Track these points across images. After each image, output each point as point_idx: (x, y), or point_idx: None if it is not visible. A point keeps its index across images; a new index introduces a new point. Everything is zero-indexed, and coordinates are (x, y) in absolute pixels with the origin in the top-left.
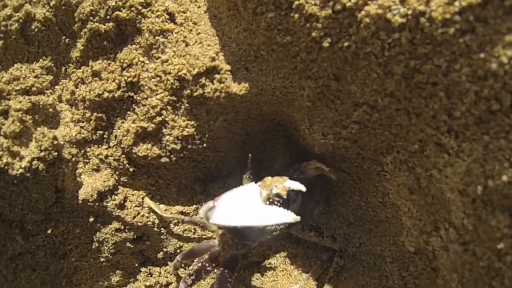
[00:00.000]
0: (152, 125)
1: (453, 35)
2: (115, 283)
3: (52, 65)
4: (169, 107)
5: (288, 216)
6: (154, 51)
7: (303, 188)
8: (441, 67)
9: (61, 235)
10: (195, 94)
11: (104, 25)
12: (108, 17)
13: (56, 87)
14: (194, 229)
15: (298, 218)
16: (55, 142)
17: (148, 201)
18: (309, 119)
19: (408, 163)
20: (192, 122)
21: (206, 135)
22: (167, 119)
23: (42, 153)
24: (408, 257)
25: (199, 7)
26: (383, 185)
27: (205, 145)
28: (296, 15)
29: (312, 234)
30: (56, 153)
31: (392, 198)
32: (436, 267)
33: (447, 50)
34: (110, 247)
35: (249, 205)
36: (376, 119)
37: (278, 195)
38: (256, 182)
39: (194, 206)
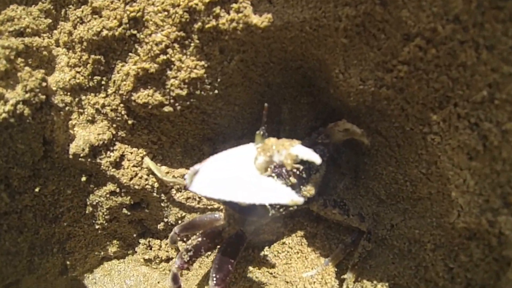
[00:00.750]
0: (155, 65)
1: None
2: (112, 254)
3: (52, 7)
4: (176, 45)
5: (284, 196)
6: None
7: (317, 159)
8: None
9: (51, 195)
10: (207, 26)
11: None
12: None
13: (55, 31)
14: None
15: (299, 200)
16: (44, 84)
17: (148, 161)
18: (345, 60)
19: (469, 118)
20: (203, 63)
21: (219, 79)
22: (173, 58)
23: (27, 95)
24: (459, 243)
25: None
26: (430, 152)
27: (216, 91)
28: None
29: (336, 212)
30: (44, 96)
31: (441, 168)
32: (503, 257)
33: None
34: (105, 213)
35: (240, 173)
36: (431, 58)
37: (281, 165)
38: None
39: None
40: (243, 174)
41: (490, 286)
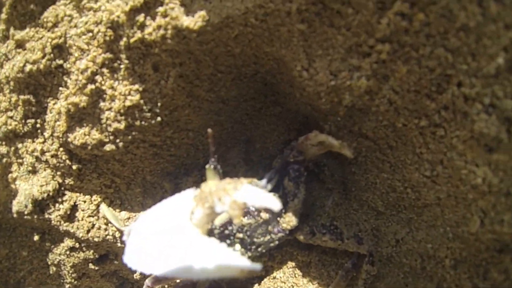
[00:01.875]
0: (85, 97)
1: None
2: None
3: None
4: (104, 70)
5: (232, 267)
6: (86, 0)
7: (274, 205)
8: None
9: (6, 259)
10: (132, 40)
11: None
12: None
13: None
14: None
15: (254, 268)
16: None
17: (103, 209)
18: (306, 53)
19: (482, 99)
20: (136, 86)
21: (159, 103)
22: (103, 87)
23: None
24: (487, 257)
25: None
26: (432, 149)
27: (159, 118)
28: None
29: (327, 238)
30: None
31: (450, 168)
32: None
33: None
34: (71, 271)
35: (175, 236)
36: (419, 26)
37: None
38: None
39: None
40: (179, 237)
41: None
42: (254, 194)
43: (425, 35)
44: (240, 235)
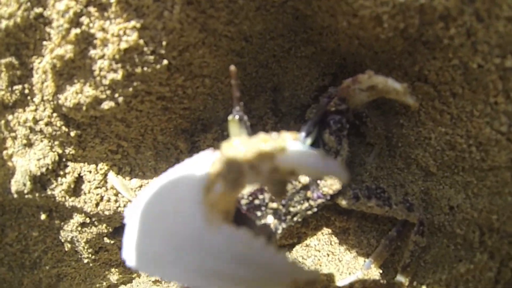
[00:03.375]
0: (70, 46)
1: None
2: (116, 281)
3: None
4: (91, 9)
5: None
6: None
7: (343, 176)
8: None
9: (17, 242)
10: None
11: None
12: None
13: None
14: None
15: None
16: None
17: (111, 178)
18: None
19: None
20: (133, 23)
21: (164, 43)
22: (91, 30)
23: None
24: None
25: None
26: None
27: (165, 62)
28: None
29: (373, 204)
30: None
31: None
32: None
33: None
34: (86, 247)
35: (182, 224)
36: None
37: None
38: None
39: None
40: (190, 228)
41: None
42: (309, 159)
43: None
44: (274, 205)
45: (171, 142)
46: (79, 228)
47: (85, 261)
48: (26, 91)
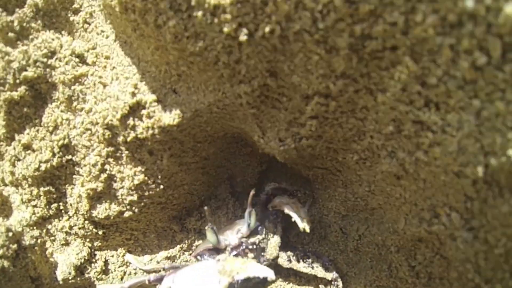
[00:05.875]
0: (101, 184)
1: None
2: None
3: None
4: (110, 160)
5: None
6: (75, 103)
7: (270, 275)
8: (397, 24)
9: None
10: (129, 139)
11: (17, 91)
12: (17, 80)
13: None
14: None
15: None
16: (10, 234)
17: (128, 257)
18: (260, 127)
19: (386, 148)
20: (139, 168)
21: (159, 176)
22: (113, 172)
23: (0, 251)
24: (413, 245)
25: (107, 37)
26: (366, 173)
27: (162, 186)
28: (200, 13)
29: (301, 265)
30: (15, 245)
31: (380, 186)
32: (446, 255)
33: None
34: None
35: None
36: (334, 108)
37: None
38: (218, 253)
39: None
40: None
41: (445, 277)
42: (259, 269)
43: (340, 112)
44: None
45: (167, 226)
46: None
47: None
48: (61, 207)
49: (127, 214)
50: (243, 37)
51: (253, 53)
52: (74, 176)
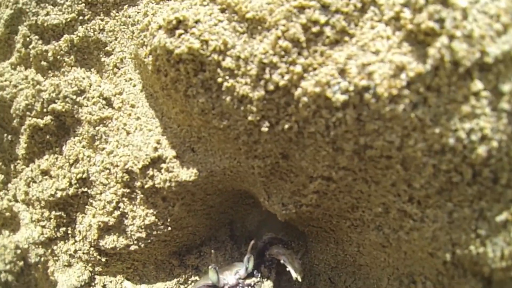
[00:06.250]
0: (113, 219)
1: (404, 110)
2: None
3: (0, 163)
4: (125, 199)
5: None
6: (97, 142)
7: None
8: (394, 143)
9: None
10: (146, 186)
11: (43, 119)
12: (44, 110)
13: (9, 185)
14: None
15: None
16: (18, 251)
17: (126, 284)
18: (266, 191)
19: (375, 222)
20: (151, 210)
21: (168, 220)
22: (126, 210)
23: (8, 266)
24: None
25: (134, 85)
26: (356, 236)
27: (169, 228)
28: (228, 98)
29: None
30: (22, 262)
31: (367, 248)
32: None
33: (398, 126)
34: None
35: None
36: (334, 189)
37: None
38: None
39: (175, 280)
40: None
41: None
42: None
43: (339, 191)
44: None
45: (166, 259)
46: None
47: None
48: (69, 232)
49: (133, 247)
50: (264, 128)
51: (271, 140)
52: (87, 207)
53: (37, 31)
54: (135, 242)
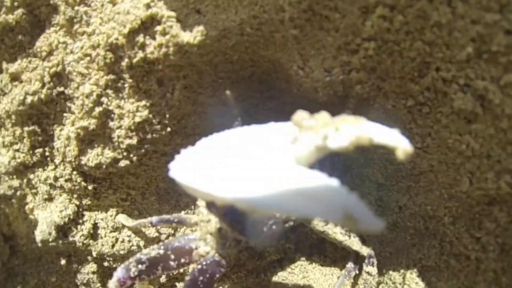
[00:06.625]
0: (94, 120)
1: None
2: None
3: None
4: (109, 91)
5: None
6: (77, 25)
7: (406, 146)
8: None
9: None
10: (135, 60)
11: (13, 14)
12: (15, 3)
13: None
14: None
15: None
16: None
17: (119, 218)
18: (301, 54)
19: (458, 80)
20: (144, 102)
21: (167, 115)
22: (110, 107)
23: None
24: (479, 210)
25: None
26: (420, 124)
27: (169, 129)
28: None
29: (338, 231)
30: None
31: (437, 139)
32: None
33: None
34: (101, 286)
35: (260, 159)
36: (400, 25)
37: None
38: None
39: (183, 212)
40: (266, 161)
41: None
42: (382, 131)
43: (405, 32)
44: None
45: (170, 188)
46: (95, 270)
47: None
48: (47, 153)
49: (122, 163)
50: None
51: None
52: (65, 115)
53: None
54: (125, 153)
